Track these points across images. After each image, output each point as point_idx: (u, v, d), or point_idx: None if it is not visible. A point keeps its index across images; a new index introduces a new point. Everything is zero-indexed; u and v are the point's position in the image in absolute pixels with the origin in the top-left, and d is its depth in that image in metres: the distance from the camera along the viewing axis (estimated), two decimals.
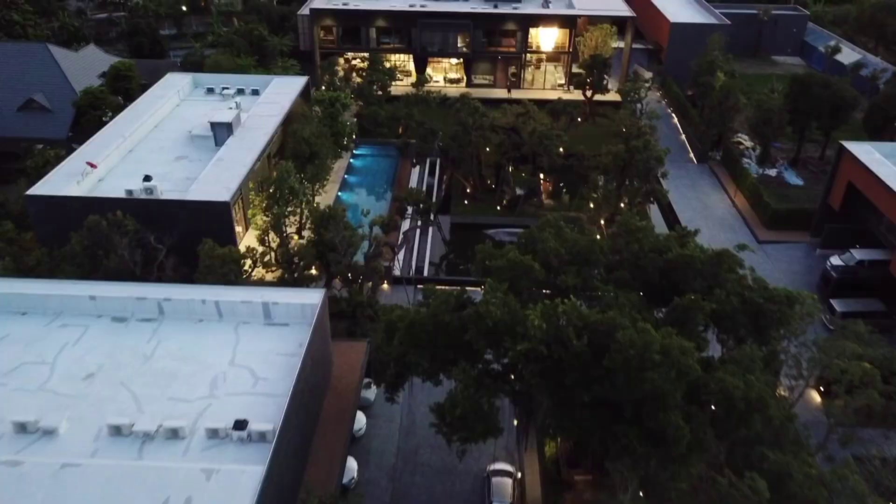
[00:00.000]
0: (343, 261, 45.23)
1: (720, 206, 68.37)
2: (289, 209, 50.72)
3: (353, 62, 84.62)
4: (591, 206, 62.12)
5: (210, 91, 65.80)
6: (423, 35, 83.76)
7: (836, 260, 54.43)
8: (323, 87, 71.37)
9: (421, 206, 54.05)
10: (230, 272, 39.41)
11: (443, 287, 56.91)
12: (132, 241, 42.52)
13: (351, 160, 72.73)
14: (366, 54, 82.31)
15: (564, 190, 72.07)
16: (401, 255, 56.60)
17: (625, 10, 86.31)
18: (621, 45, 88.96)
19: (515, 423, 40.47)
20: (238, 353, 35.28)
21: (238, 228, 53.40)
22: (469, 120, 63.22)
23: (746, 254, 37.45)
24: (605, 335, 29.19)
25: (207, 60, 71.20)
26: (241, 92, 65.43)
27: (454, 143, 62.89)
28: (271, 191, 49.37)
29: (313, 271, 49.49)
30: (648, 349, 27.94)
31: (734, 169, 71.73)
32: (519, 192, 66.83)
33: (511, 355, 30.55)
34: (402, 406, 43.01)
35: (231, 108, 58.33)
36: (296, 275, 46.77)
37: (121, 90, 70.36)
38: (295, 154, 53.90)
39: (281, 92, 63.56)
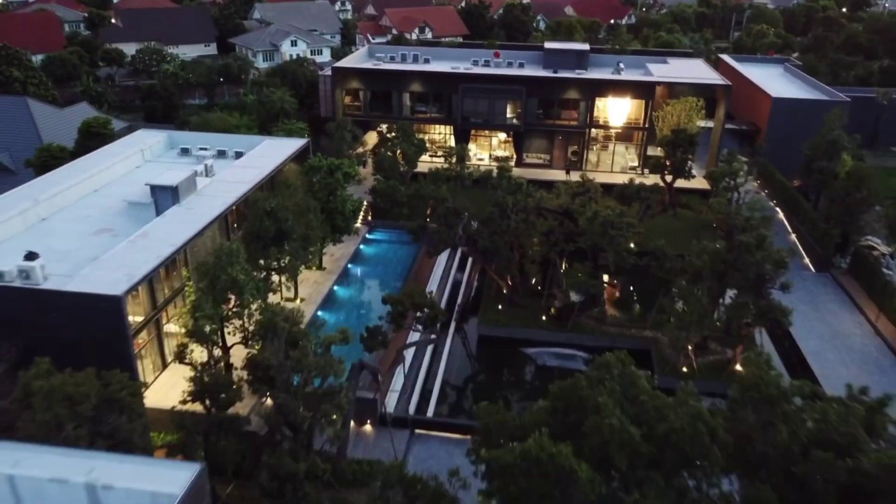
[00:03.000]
0: (279, 397, 28.67)
1: (856, 332, 48.96)
2: (232, 309, 35.22)
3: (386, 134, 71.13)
4: (674, 324, 44.18)
5: (185, 152, 52.53)
6: (466, 102, 69.71)
7: None
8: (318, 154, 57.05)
9: (426, 313, 37.45)
10: (59, 417, 23.27)
11: (452, 435, 39.84)
12: None
13: (361, 246, 57.42)
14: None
15: (635, 299, 54.31)
16: (396, 382, 39.62)
17: (716, 78, 70.31)
18: (708, 124, 72.58)
19: None
20: None
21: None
22: (508, 200, 47.16)
23: None
24: None
25: (193, 119, 58.51)
26: (222, 154, 51.86)
27: (486, 229, 46.64)
28: (200, 285, 33.98)
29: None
30: None
31: (870, 282, 52.63)
32: (574, 298, 49.52)
33: None
34: None
35: (198, 170, 44.50)
36: (211, 410, 30.48)
37: (92, 149, 58.06)
38: (254, 232, 38.71)
39: (266, 155, 49.49)
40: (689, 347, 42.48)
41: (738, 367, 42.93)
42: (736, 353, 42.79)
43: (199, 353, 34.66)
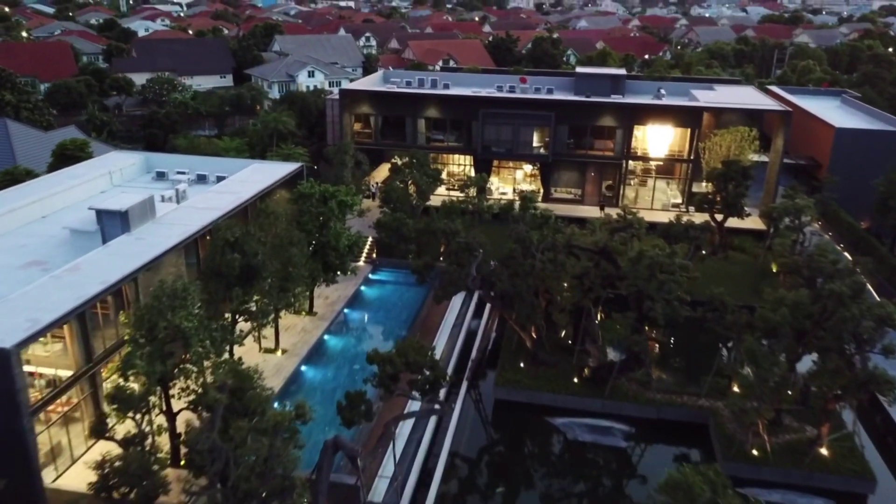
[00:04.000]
0: (211, 496, 20.65)
1: None
2: (179, 365, 27.66)
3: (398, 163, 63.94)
4: (741, 392, 35.43)
5: (160, 176, 45.85)
6: (487, 130, 62.42)
7: None
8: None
9: (425, 375, 29.29)
10: None
11: None
12: None
13: (362, 288, 49.78)
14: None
15: (685, 358, 45.45)
16: (387, 464, 31.20)
17: (773, 104, 62.17)
18: (762, 158, 64.18)
19: None
20: None
21: None
22: (533, 235, 39.22)
23: None
24: None
25: (180, 141, 52.08)
26: (202, 179, 45.10)
27: (505, 270, 38.64)
28: (135, 335, 26.47)
29: None
30: None
31: None
32: (612, 356, 41.08)
33: None
34: None
35: (164, 196, 37.54)
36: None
37: None
38: (214, 269, 31.23)
39: (250, 180, 42.50)
40: (760, 423, 33.54)
41: (825, 451, 33.89)
42: (822, 433, 33.73)
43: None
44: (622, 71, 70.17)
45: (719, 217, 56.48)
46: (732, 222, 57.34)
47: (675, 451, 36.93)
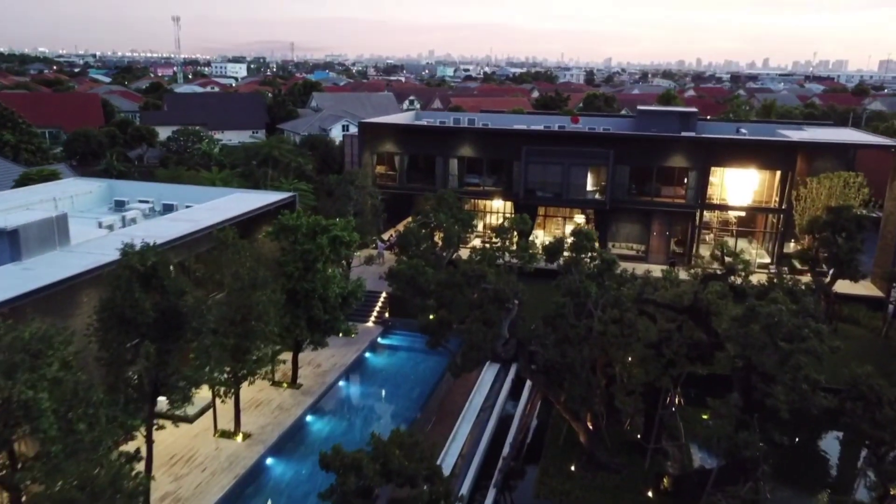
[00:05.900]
0: None
1: None
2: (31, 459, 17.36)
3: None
4: None
5: (120, 205, 36.99)
6: (531, 170, 52.38)
7: None
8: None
9: (422, 493, 18.18)
10: None
11: None
12: None
13: (366, 354, 39.20)
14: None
15: (797, 466, 32.82)
16: None
17: (890, 140, 50.55)
18: (872, 214, 52.23)
19: None
20: None
21: None
22: (591, 288, 28.26)
23: None
24: None
25: (159, 172, 43.81)
26: (168, 208, 36.02)
27: (551, 333, 27.60)
28: None
29: None
30: None
31: None
32: (699, 461, 29.05)
33: None
34: None
35: (102, 222, 28.26)
36: None
37: None
38: (116, 313, 21.17)
39: (221, 208, 33.12)
40: None
41: None
42: None
43: None
44: (693, 109, 59.94)
45: (827, 279, 44.60)
46: (840, 286, 45.36)
47: None
